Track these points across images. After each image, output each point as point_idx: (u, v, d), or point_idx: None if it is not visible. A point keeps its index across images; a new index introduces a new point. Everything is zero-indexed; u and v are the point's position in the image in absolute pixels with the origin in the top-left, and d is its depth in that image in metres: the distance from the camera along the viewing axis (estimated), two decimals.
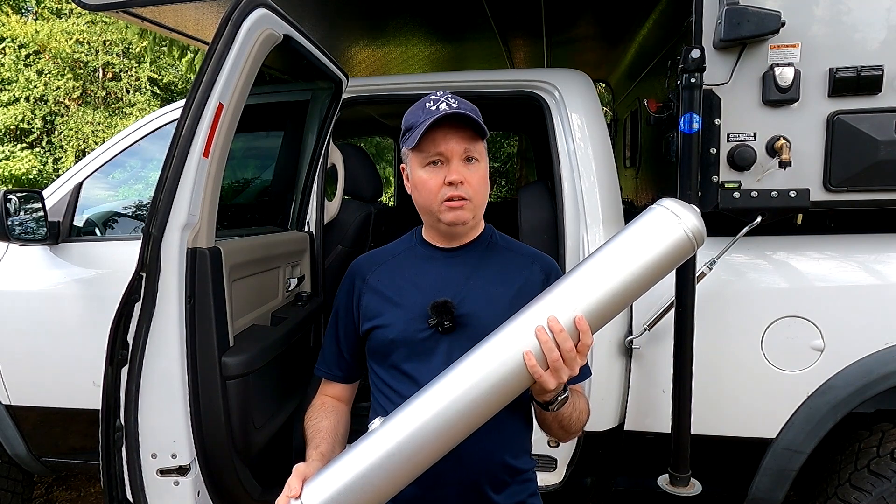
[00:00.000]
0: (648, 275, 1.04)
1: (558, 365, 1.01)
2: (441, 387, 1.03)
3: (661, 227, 1.04)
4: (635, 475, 2.02)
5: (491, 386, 1.02)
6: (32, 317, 2.10)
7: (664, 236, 1.04)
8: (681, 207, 1.05)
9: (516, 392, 1.06)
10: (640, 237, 1.05)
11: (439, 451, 1.03)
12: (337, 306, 1.36)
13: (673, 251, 1.04)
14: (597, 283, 1.03)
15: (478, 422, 1.04)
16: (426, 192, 1.20)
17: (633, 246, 1.05)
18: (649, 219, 1.06)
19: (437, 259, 1.28)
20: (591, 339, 1.03)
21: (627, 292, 1.04)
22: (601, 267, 1.05)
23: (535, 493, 1.30)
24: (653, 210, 1.07)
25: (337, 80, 2.13)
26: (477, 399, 1.01)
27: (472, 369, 1.03)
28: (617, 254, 1.05)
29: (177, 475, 1.53)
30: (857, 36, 1.59)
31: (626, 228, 1.08)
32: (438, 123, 1.15)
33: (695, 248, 1.06)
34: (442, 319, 1.18)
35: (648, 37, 2.61)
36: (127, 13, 2.09)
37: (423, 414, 1.02)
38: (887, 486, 1.65)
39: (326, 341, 1.38)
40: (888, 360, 1.67)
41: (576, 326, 1.02)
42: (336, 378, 1.37)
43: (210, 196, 1.52)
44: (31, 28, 9.95)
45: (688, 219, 1.04)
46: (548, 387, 1.03)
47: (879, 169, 1.59)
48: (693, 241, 1.04)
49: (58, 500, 2.89)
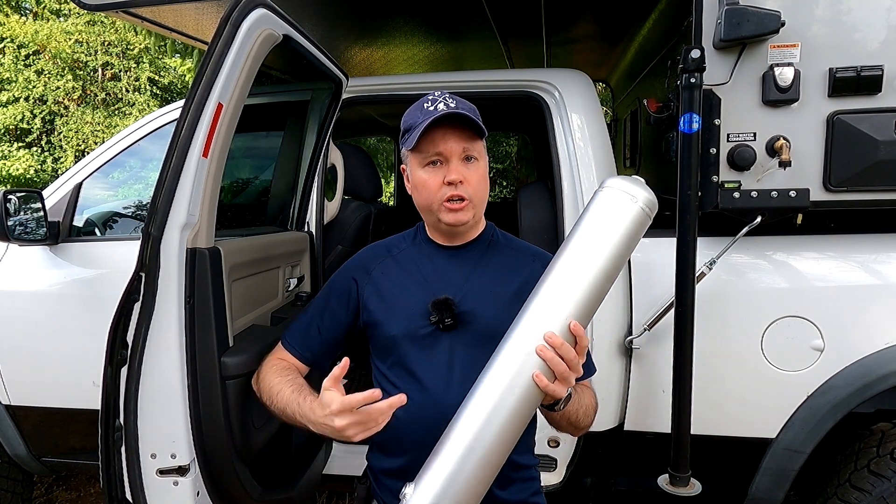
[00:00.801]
0: (619, 258, 1.07)
1: (566, 374, 1.02)
2: (460, 430, 1.02)
3: (619, 209, 1.07)
4: (635, 475, 2.02)
5: (508, 416, 1.01)
6: (32, 317, 2.10)
7: (624, 218, 1.06)
8: (630, 184, 1.08)
9: (532, 411, 1.06)
10: (603, 224, 1.07)
11: (478, 495, 1.03)
12: (329, 291, 1.34)
13: (635, 229, 1.07)
14: (577, 284, 1.05)
15: (504, 454, 1.04)
16: (426, 193, 1.20)
17: (598, 235, 1.07)
18: (605, 203, 1.08)
19: (439, 256, 1.29)
20: (587, 341, 1.05)
21: (605, 282, 1.07)
22: (576, 264, 1.06)
23: (538, 491, 1.30)
24: (605, 193, 1.09)
25: (337, 80, 2.13)
26: (498, 434, 1.01)
27: (485, 405, 1.02)
28: (586, 246, 1.07)
29: (176, 475, 1.52)
30: (857, 36, 1.58)
31: (585, 217, 1.10)
32: (436, 123, 1.16)
33: (650, 219, 1.10)
34: (443, 317, 1.19)
35: (648, 37, 2.61)
36: (127, 13, 2.09)
37: (451, 465, 1.00)
38: (887, 486, 1.64)
39: (304, 317, 1.35)
40: (888, 360, 1.67)
41: (572, 333, 1.03)
42: (301, 357, 1.34)
43: (209, 196, 1.52)
44: (30, 28, 9.95)
45: (640, 194, 1.07)
46: (560, 396, 1.04)
47: (879, 169, 1.59)
48: (649, 213, 1.08)
49: (58, 500, 2.88)
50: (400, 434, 1.20)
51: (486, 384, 1.03)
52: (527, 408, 1.03)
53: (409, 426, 1.18)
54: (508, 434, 1.02)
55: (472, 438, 1.00)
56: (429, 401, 1.18)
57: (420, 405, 1.18)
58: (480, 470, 1.01)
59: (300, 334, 1.36)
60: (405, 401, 1.04)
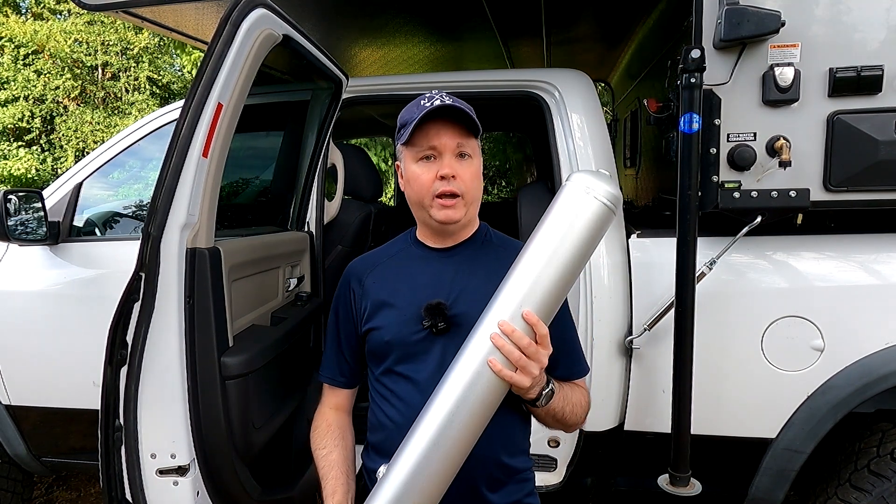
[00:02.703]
0: (579, 251, 1.08)
1: (523, 362, 1.05)
2: (431, 417, 1.07)
3: (578, 203, 1.08)
4: (635, 475, 2.02)
5: (473, 402, 1.06)
6: (32, 317, 2.10)
7: (583, 211, 1.08)
8: (592, 178, 1.09)
9: (498, 399, 1.10)
10: (563, 219, 1.09)
11: (448, 475, 1.08)
12: (335, 310, 1.36)
13: (595, 222, 1.08)
14: (533, 275, 1.08)
15: (473, 438, 1.09)
16: (418, 186, 1.21)
17: (558, 230, 1.09)
18: (566, 198, 1.10)
19: (430, 259, 1.29)
20: (545, 328, 1.06)
21: (565, 274, 1.08)
22: (535, 259, 1.09)
23: (532, 492, 1.30)
24: (566, 188, 1.11)
25: (337, 80, 2.13)
26: (466, 419, 1.06)
27: (452, 392, 1.07)
28: (546, 242, 1.09)
29: (176, 475, 1.52)
30: (857, 36, 1.58)
31: (548, 213, 1.12)
32: (431, 117, 1.16)
33: (615, 214, 1.10)
34: (435, 321, 1.19)
35: (648, 37, 2.61)
36: (127, 13, 2.09)
37: (422, 447, 1.06)
38: (887, 486, 1.65)
39: (328, 347, 1.39)
40: (888, 360, 1.67)
41: (525, 321, 1.05)
42: (339, 384, 1.38)
43: (209, 196, 1.52)
44: (29, 28, 9.95)
45: (600, 188, 1.08)
46: (523, 385, 1.07)
47: (879, 169, 1.59)
48: (611, 207, 1.09)
49: (58, 500, 2.89)
50: (393, 436, 1.20)
51: (455, 372, 1.08)
52: (491, 395, 1.07)
53: (403, 428, 1.18)
54: (475, 419, 1.07)
55: (442, 423, 1.05)
56: (422, 403, 1.18)
57: (413, 407, 1.18)
58: (450, 452, 1.06)
59: (329, 364, 1.39)
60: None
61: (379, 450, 1.27)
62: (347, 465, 1.31)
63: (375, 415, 1.28)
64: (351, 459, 1.33)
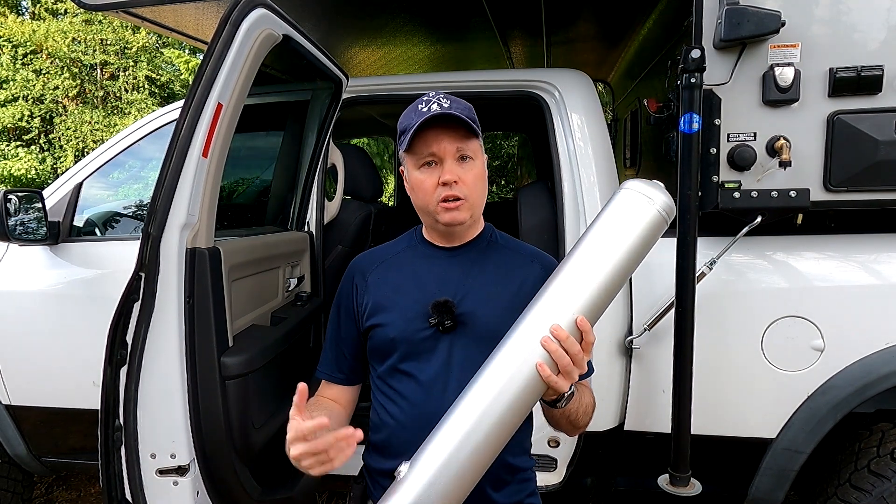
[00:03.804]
0: (633, 259, 1.07)
1: (570, 369, 1.03)
2: (460, 416, 1.02)
3: (636, 210, 1.07)
4: (635, 475, 2.02)
5: (509, 402, 1.02)
6: (32, 317, 2.10)
7: (640, 219, 1.06)
8: (649, 187, 1.08)
9: (534, 401, 1.06)
10: (618, 224, 1.07)
11: (474, 478, 1.03)
12: (337, 306, 1.35)
13: (650, 231, 1.07)
14: (588, 280, 1.05)
15: (504, 441, 1.04)
16: (422, 193, 1.21)
17: (613, 234, 1.07)
18: (622, 204, 1.09)
19: (437, 258, 1.29)
20: (593, 336, 1.05)
21: (616, 281, 1.06)
22: (588, 262, 1.07)
23: (533, 492, 1.30)
24: (622, 194, 1.09)
25: (337, 80, 2.13)
26: (498, 420, 1.02)
27: (487, 391, 1.02)
28: (600, 245, 1.07)
29: (176, 475, 1.53)
30: (857, 36, 1.58)
31: (601, 216, 1.10)
32: (429, 124, 1.16)
33: (667, 224, 1.09)
34: (442, 319, 1.19)
35: (648, 37, 2.61)
36: (126, 13, 2.09)
37: (449, 448, 1.00)
38: (887, 486, 1.65)
39: (327, 343, 1.38)
40: (888, 360, 1.67)
41: (578, 328, 1.03)
42: (337, 380, 1.36)
43: (209, 196, 1.52)
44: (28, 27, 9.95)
45: (658, 197, 1.07)
46: (562, 390, 1.04)
47: (879, 169, 1.59)
48: (666, 217, 1.08)
49: (58, 500, 2.88)
50: (397, 435, 1.20)
51: (490, 372, 1.04)
52: (528, 397, 1.04)
53: (407, 428, 1.18)
54: (508, 422, 1.03)
55: (472, 423, 1.01)
56: (426, 402, 1.18)
57: (417, 406, 1.18)
58: (478, 454, 1.02)
59: (327, 359, 1.37)
60: (359, 436, 1.02)
61: (381, 449, 1.26)
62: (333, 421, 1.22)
63: (378, 413, 1.27)
64: (338, 423, 1.25)
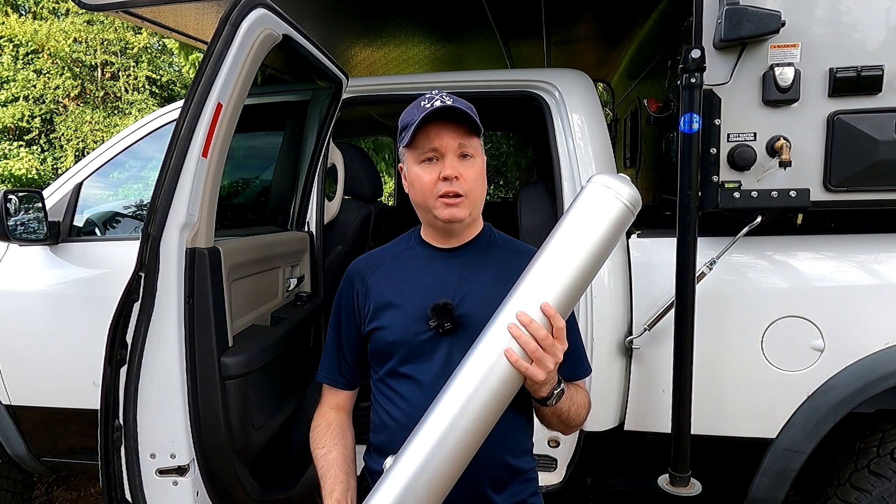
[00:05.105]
0: (600, 249, 1.10)
1: (539, 354, 1.04)
2: (442, 409, 1.06)
3: (602, 203, 1.10)
4: (635, 475, 2.02)
5: (488, 393, 1.05)
6: (32, 317, 2.10)
7: (606, 211, 1.10)
8: (614, 181, 1.12)
9: (513, 392, 1.09)
10: (585, 217, 1.11)
11: (456, 470, 1.06)
12: (338, 311, 1.35)
13: (616, 223, 1.11)
14: (555, 270, 1.09)
15: (485, 432, 1.07)
16: (421, 188, 1.20)
17: (580, 227, 1.11)
18: (589, 198, 1.12)
19: (435, 259, 1.28)
20: (562, 322, 1.06)
21: (585, 271, 1.10)
22: (556, 253, 1.10)
23: (535, 492, 1.30)
24: (589, 188, 1.13)
25: (337, 80, 2.13)
26: (478, 411, 1.05)
27: (466, 383, 1.06)
28: (568, 237, 1.11)
29: (176, 475, 1.52)
30: (857, 36, 1.58)
31: (570, 210, 1.13)
32: (432, 119, 1.16)
33: (634, 215, 1.12)
34: (442, 321, 1.19)
35: (648, 37, 2.61)
36: (127, 13, 2.09)
37: (432, 440, 1.04)
38: (887, 486, 1.64)
39: (328, 347, 1.38)
40: (888, 360, 1.67)
41: (543, 313, 1.05)
42: (339, 385, 1.37)
43: (209, 196, 1.52)
44: (29, 27, 9.95)
45: (623, 190, 1.10)
46: (537, 378, 1.06)
47: (879, 169, 1.59)
48: (632, 209, 1.11)
49: (58, 500, 2.88)
50: (397, 437, 1.20)
51: (469, 363, 1.07)
52: (506, 387, 1.07)
53: (407, 429, 1.17)
54: (489, 412, 1.06)
55: (454, 416, 1.04)
56: (426, 403, 1.18)
57: (417, 408, 1.18)
58: (462, 444, 1.05)
59: (328, 364, 1.38)
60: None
61: (382, 451, 1.26)
62: (347, 463, 1.30)
63: (378, 415, 1.28)
64: (351, 458, 1.32)
